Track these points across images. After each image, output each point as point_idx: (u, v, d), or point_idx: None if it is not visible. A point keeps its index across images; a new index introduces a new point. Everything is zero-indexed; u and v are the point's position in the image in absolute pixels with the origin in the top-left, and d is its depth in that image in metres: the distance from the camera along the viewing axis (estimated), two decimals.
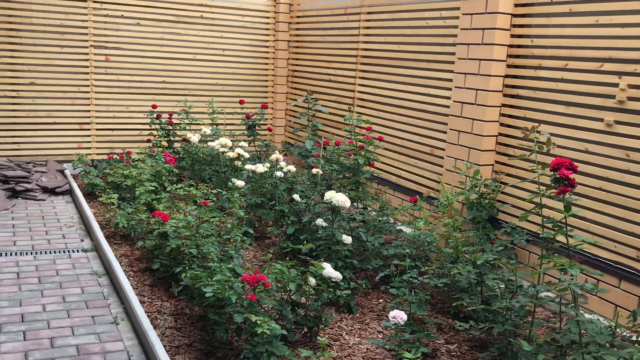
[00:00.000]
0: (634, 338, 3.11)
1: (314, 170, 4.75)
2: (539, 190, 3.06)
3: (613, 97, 3.84)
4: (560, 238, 3.80)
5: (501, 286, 3.44)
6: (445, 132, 5.20)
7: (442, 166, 5.25)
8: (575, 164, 2.92)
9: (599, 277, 3.90)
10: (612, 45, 3.85)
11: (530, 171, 4.42)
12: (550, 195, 2.94)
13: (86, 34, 7.00)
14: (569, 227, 3.98)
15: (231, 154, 5.35)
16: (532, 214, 3.12)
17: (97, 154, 7.34)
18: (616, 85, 3.82)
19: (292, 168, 4.73)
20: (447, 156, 5.08)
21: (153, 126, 7.12)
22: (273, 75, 8.13)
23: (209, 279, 3.20)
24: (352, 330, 3.73)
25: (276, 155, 4.73)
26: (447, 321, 3.91)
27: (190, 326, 3.61)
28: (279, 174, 4.76)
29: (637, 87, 3.70)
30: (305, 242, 4.21)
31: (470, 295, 3.62)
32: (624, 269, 3.78)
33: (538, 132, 3.10)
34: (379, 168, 6.14)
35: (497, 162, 4.77)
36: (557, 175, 2.87)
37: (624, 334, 3.49)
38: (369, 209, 5.06)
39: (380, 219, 4.82)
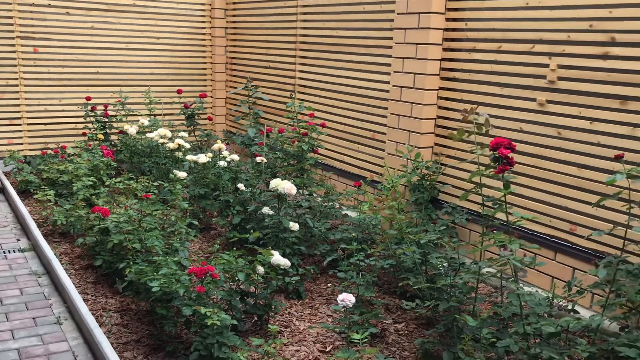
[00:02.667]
0: (569, 307, 3.26)
1: (258, 159, 4.72)
2: (478, 170, 3.15)
3: (544, 77, 3.99)
4: (500, 215, 3.93)
5: (445, 264, 3.54)
6: (385, 117, 5.27)
7: (384, 150, 5.32)
8: (513, 143, 3.01)
9: (536, 251, 4.07)
10: (542, 27, 3.98)
11: (469, 152, 4.56)
12: (490, 175, 3.04)
13: (11, 24, 6.67)
14: (507, 205, 4.13)
15: (171, 145, 5.24)
16: (472, 193, 3.21)
17: (30, 149, 7.04)
18: (547, 65, 3.97)
19: (235, 157, 4.68)
20: (389, 140, 5.15)
21: (88, 119, 6.88)
22: (211, 63, 7.99)
23: (155, 273, 3.14)
24: (302, 315, 3.75)
25: (218, 145, 4.67)
26: (395, 301, 3.99)
27: (138, 322, 3.54)
28: (222, 163, 4.71)
29: (566, 68, 3.85)
30: (252, 231, 4.19)
31: (415, 275, 3.70)
32: (559, 242, 3.96)
33: (477, 113, 3.18)
34: (323, 154, 6.17)
35: (436, 144, 4.87)
36: (497, 155, 2.95)
37: (561, 303, 3.67)
38: (315, 195, 5.08)
39: (326, 204, 4.85)
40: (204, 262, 3.09)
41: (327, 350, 3.32)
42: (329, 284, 4.22)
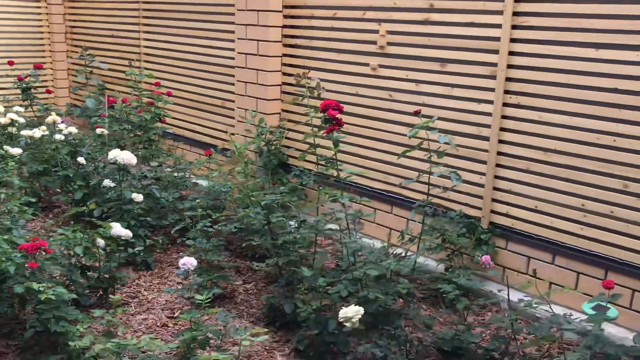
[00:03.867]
0: (403, 254, 3.56)
1: (98, 130, 4.55)
2: (312, 131, 3.31)
3: (375, 43, 4.23)
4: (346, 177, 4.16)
5: (291, 223, 3.69)
6: (233, 84, 5.29)
7: (233, 118, 5.36)
8: (343, 105, 3.20)
9: (376, 206, 4.36)
10: None
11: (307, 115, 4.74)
12: (322, 136, 3.21)
13: None
14: (347, 164, 4.38)
15: (2, 120, 4.88)
16: (308, 153, 3.37)
17: None
18: (377, 31, 4.21)
19: (73, 130, 4.47)
20: (238, 107, 5.20)
21: None
22: (49, 32, 7.45)
23: None
24: (151, 285, 3.74)
25: (53, 118, 4.43)
26: (246, 264, 4.11)
27: None
28: (58, 137, 4.47)
29: (394, 33, 4.12)
30: (95, 204, 4.06)
31: (261, 236, 3.83)
32: (394, 197, 4.28)
33: (308, 78, 3.33)
34: (175, 125, 6.07)
35: (284, 110, 5.00)
36: (326, 116, 3.13)
37: (397, 251, 3.99)
38: (165, 165, 5.01)
39: (176, 174, 4.82)
40: (35, 238, 2.97)
41: (175, 315, 3.36)
42: (180, 253, 4.22)
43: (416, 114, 3.17)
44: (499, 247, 3.76)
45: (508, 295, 2.88)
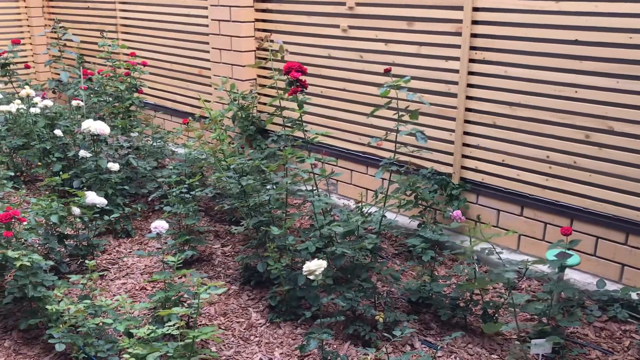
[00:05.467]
0: (376, 212, 3.63)
1: (75, 103, 4.58)
2: (278, 94, 3.35)
3: (344, 4, 4.23)
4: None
5: (268, 187, 3.75)
6: (208, 52, 5.30)
7: (211, 86, 5.37)
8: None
9: (352, 167, 4.43)
10: None
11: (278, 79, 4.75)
12: (288, 98, 3.25)
13: None
14: (322, 127, 4.43)
15: None
16: (275, 116, 3.42)
17: None
18: None
19: (48, 103, 4.49)
20: (214, 75, 5.21)
21: None
22: (25, 7, 7.39)
23: None
24: (130, 252, 3.83)
25: (27, 91, 4.45)
26: (225, 228, 4.19)
27: None
28: (34, 110, 4.50)
29: None
30: (72, 175, 4.11)
31: (236, 199, 3.89)
32: (370, 158, 4.33)
33: (271, 41, 3.34)
34: (155, 95, 6.08)
35: (259, 76, 5.02)
36: (290, 78, 3.17)
37: (372, 210, 4.07)
38: (144, 135, 5.05)
39: (154, 143, 4.86)
40: (8, 208, 3.03)
41: (152, 278, 3.45)
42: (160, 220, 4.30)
43: (386, 72, 3.19)
44: (469, 202, 3.84)
45: (471, 243, 2.96)
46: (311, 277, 2.49)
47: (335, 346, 2.81)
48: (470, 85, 3.68)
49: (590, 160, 3.27)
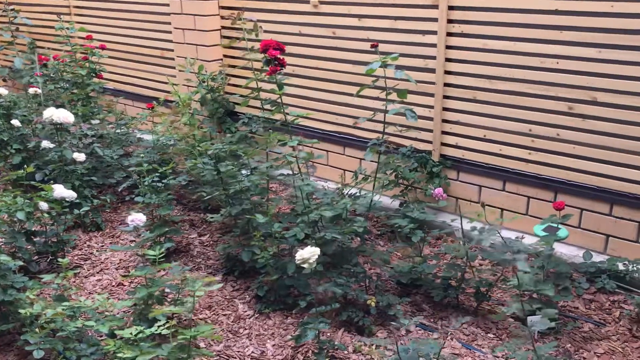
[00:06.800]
0: (358, 193, 3.54)
1: (32, 90, 4.31)
2: (254, 75, 3.19)
3: None
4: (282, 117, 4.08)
5: (243, 172, 3.61)
6: (171, 32, 5.06)
7: (174, 68, 5.15)
8: (285, 45, 3.07)
9: (329, 148, 4.32)
10: None
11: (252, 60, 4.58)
12: (266, 79, 3.09)
13: None
14: (295, 107, 4.28)
15: None
16: (251, 98, 3.27)
17: None
18: None
19: (3, 91, 4.21)
20: (177, 56, 4.99)
21: None
22: None
23: None
24: (103, 246, 3.64)
25: None
26: (199, 216, 4.03)
27: None
28: None
29: None
30: (36, 167, 3.87)
31: (212, 187, 3.74)
32: (347, 137, 4.23)
33: (242, 18, 3.17)
34: (114, 80, 5.80)
35: (225, 56, 4.83)
36: (267, 57, 3.01)
37: (352, 191, 3.98)
38: (107, 122, 4.81)
39: (119, 131, 4.63)
40: None
41: (130, 274, 3.28)
42: (130, 211, 4.10)
43: (373, 47, 3.06)
44: (450, 178, 3.79)
45: (461, 224, 2.91)
46: (304, 266, 2.38)
47: (329, 334, 2.72)
48: (448, 60, 3.59)
49: (573, 132, 3.25)
